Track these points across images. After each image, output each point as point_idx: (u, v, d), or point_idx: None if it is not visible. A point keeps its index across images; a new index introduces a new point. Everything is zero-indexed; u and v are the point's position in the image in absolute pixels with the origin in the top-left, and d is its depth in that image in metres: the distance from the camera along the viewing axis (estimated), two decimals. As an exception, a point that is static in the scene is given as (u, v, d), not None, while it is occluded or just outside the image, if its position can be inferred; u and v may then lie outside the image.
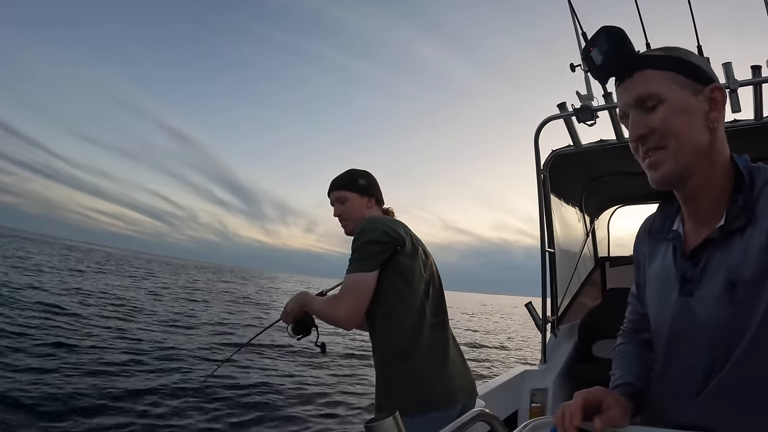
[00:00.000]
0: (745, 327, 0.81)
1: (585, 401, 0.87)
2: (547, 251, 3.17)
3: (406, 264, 1.68)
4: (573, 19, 2.47)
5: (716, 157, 0.88)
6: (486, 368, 11.66)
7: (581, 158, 3.21)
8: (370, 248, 1.64)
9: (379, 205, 1.94)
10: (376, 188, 1.93)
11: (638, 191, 3.94)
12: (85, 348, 8.30)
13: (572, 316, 3.62)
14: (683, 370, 0.92)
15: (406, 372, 1.62)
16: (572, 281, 3.67)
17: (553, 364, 3.17)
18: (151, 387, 6.69)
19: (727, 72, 2.26)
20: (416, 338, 1.65)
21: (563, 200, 3.62)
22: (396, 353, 1.66)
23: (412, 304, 1.68)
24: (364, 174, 1.92)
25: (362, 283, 1.63)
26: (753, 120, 2.42)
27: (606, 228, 4.50)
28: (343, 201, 1.87)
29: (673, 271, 0.94)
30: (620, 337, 1.18)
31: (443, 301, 1.84)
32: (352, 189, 1.87)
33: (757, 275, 0.79)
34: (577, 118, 2.69)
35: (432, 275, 1.81)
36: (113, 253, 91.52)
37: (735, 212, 0.84)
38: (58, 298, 13.64)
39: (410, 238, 1.74)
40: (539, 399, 2.89)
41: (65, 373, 6.70)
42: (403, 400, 1.57)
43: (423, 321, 1.68)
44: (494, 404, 2.57)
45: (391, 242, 1.66)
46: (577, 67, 2.55)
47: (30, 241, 63.62)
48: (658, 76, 0.87)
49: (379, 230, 1.66)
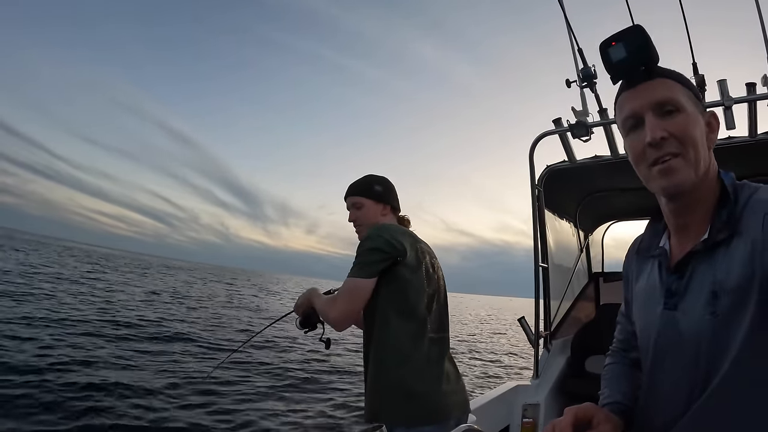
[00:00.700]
0: (729, 338, 0.81)
1: (575, 417, 0.86)
2: (541, 266, 3.17)
3: (407, 277, 1.68)
4: (570, 37, 2.49)
5: (710, 174, 0.90)
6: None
7: (576, 173, 3.22)
8: (371, 255, 1.66)
9: (394, 213, 1.95)
10: (393, 195, 1.94)
11: (632, 207, 3.95)
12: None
13: (565, 331, 3.61)
14: (670, 384, 0.91)
15: (401, 383, 1.61)
16: (566, 296, 3.67)
17: (545, 379, 3.16)
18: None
19: (722, 89, 2.28)
20: (413, 351, 1.64)
21: (557, 215, 3.63)
22: (391, 364, 1.65)
23: (410, 316, 1.67)
24: (381, 180, 1.92)
25: (358, 289, 1.64)
26: (747, 137, 2.44)
27: (600, 243, 4.52)
28: (358, 207, 1.89)
29: (658, 285, 0.95)
30: (609, 357, 1.18)
31: (446, 317, 1.83)
32: (368, 195, 1.88)
33: (739, 286, 0.79)
34: (572, 133, 2.70)
35: (438, 290, 1.80)
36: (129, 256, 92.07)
37: (719, 225, 0.85)
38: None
39: (415, 251, 1.73)
40: (531, 414, 2.88)
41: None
42: (396, 411, 1.56)
43: (422, 335, 1.67)
44: (486, 419, 2.55)
45: (393, 252, 1.66)
46: (573, 83, 2.57)
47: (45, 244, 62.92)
48: (678, 87, 0.88)
49: (382, 239, 1.68)
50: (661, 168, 0.86)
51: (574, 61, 2.56)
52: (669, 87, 0.87)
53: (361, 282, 1.64)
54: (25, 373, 6.34)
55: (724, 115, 2.32)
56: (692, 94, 0.89)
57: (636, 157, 0.91)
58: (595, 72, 2.48)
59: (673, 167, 0.86)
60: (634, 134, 0.90)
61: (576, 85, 2.57)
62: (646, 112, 0.87)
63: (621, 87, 0.94)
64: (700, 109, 0.90)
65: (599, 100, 2.63)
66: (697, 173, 0.86)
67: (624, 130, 0.93)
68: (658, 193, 0.92)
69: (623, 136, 0.95)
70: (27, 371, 6.40)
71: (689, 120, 0.86)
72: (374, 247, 1.66)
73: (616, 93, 0.95)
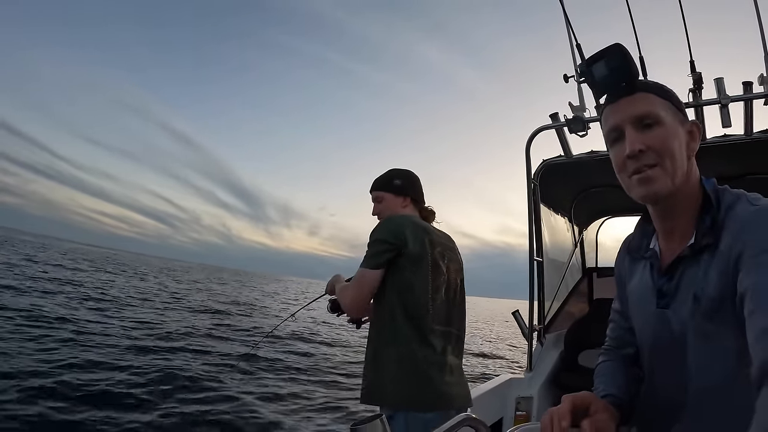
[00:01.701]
0: (708, 341, 0.86)
1: (573, 404, 0.88)
2: (536, 260, 3.19)
3: (408, 267, 1.71)
4: (568, 32, 2.48)
5: (691, 181, 0.95)
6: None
7: (572, 169, 3.23)
8: (376, 246, 1.72)
9: (416, 205, 1.98)
10: (414, 188, 1.98)
11: (627, 203, 3.95)
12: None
13: (559, 325, 3.63)
14: (667, 382, 0.95)
15: (403, 370, 1.64)
16: (560, 290, 3.69)
17: (538, 372, 3.18)
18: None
19: (719, 87, 2.29)
20: (412, 341, 1.66)
21: (553, 210, 3.64)
22: (389, 350, 1.68)
23: (410, 307, 1.69)
24: (402, 174, 1.97)
25: (365, 278, 1.71)
26: (743, 135, 2.45)
27: (594, 238, 4.54)
28: (379, 200, 1.95)
29: (650, 286, 1.00)
30: (602, 355, 1.20)
31: (455, 311, 1.84)
32: (388, 189, 1.94)
33: (717, 295, 0.84)
34: (569, 128, 2.71)
35: (447, 283, 1.81)
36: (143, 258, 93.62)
37: (703, 230, 0.90)
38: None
39: (420, 243, 1.75)
40: (524, 407, 2.90)
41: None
42: (397, 396, 1.60)
43: (422, 326, 1.69)
44: (479, 411, 2.56)
45: (396, 242, 1.70)
46: (570, 78, 2.57)
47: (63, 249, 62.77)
48: (658, 100, 0.93)
49: (387, 230, 1.73)
50: (639, 177, 0.92)
51: (572, 56, 2.56)
52: (649, 101, 0.92)
53: (367, 272, 1.71)
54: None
55: (720, 113, 2.33)
56: (672, 105, 0.94)
57: (618, 167, 0.96)
58: None
59: (651, 177, 0.90)
60: (617, 146, 0.95)
61: (574, 81, 2.57)
62: (626, 126, 0.92)
63: (605, 101, 0.98)
64: (680, 119, 0.94)
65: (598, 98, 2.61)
66: (674, 181, 0.90)
67: (608, 142, 0.98)
68: (638, 201, 0.96)
69: (608, 148, 1.00)
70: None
71: (668, 132, 0.91)
72: (379, 238, 1.72)
73: (602, 107, 1.00)
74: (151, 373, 6.83)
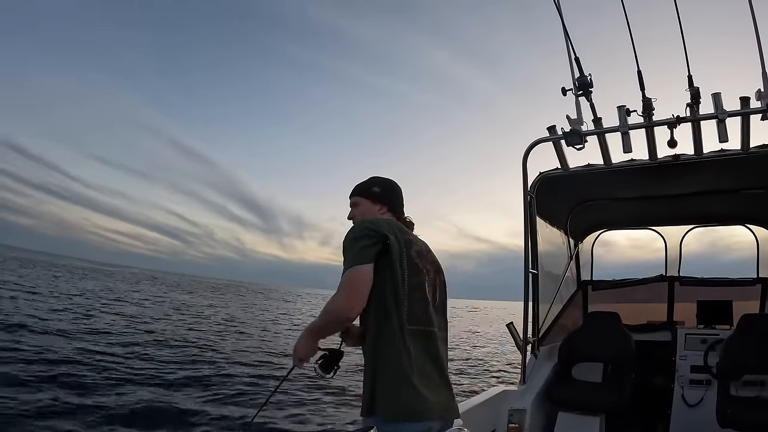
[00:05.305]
0: None
1: None
2: (531, 272, 3.18)
3: (388, 265, 1.66)
4: (566, 44, 2.50)
5: None
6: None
7: (568, 181, 3.23)
8: (358, 243, 1.64)
9: (393, 213, 1.93)
10: (392, 197, 1.94)
11: (623, 216, 3.96)
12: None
13: (553, 338, 3.62)
14: None
15: (374, 375, 1.61)
16: (554, 303, 3.68)
17: (532, 385, 3.16)
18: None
19: (716, 102, 2.30)
20: (387, 342, 1.62)
21: (549, 222, 3.64)
22: (369, 354, 1.66)
23: (385, 305, 1.65)
24: (383, 182, 1.95)
25: (359, 273, 1.61)
26: (740, 150, 2.46)
27: (590, 252, 4.53)
28: (356, 205, 1.93)
29: None
30: None
31: (435, 311, 1.78)
32: (365, 195, 1.92)
33: None
34: (566, 141, 2.71)
35: (428, 282, 1.76)
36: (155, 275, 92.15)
37: None
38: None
39: (397, 240, 1.70)
40: (517, 419, 2.87)
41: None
42: (387, 406, 1.54)
43: (397, 325, 1.63)
44: (472, 423, 2.54)
45: (376, 236, 1.65)
46: (569, 91, 2.57)
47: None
48: None
49: (364, 226, 1.69)
50: None
51: (570, 70, 2.57)
52: None
53: (358, 268, 1.60)
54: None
55: (717, 128, 2.34)
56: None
57: None
58: (591, 81, 2.48)
59: None
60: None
61: (572, 94, 2.58)
62: None
63: None
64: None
65: (594, 109, 2.63)
66: None
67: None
68: None
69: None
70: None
71: None
72: (358, 235, 1.66)
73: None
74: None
